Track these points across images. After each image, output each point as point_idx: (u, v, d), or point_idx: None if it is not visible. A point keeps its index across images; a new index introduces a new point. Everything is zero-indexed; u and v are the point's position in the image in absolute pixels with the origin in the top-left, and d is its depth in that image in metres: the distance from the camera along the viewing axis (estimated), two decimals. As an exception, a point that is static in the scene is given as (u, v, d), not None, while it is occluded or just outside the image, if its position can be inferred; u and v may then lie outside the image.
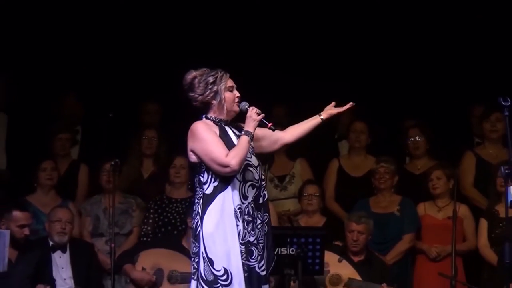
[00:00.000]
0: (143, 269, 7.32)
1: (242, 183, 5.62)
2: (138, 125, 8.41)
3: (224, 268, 5.57)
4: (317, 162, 8.38)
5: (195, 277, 5.60)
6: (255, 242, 5.64)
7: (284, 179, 8.29)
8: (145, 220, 7.71)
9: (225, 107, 5.57)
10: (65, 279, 7.41)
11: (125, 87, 8.78)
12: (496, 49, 8.61)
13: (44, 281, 7.26)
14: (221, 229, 5.57)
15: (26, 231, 7.28)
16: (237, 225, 5.59)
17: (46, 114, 8.78)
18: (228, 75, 5.68)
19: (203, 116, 5.62)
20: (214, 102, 5.56)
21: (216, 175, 5.53)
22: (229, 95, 5.61)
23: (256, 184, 5.65)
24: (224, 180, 5.54)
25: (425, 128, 8.08)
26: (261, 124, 5.60)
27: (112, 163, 7.28)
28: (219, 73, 5.64)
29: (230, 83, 5.67)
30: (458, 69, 8.84)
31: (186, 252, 7.30)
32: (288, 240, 6.74)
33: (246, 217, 5.61)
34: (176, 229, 7.78)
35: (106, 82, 8.81)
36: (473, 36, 8.75)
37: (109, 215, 7.56)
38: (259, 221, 5.63)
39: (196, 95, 5.56)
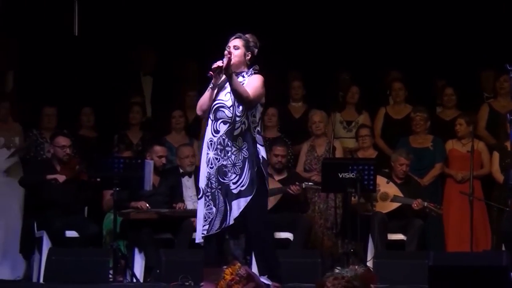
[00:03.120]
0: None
1: (214, 121, 6.01)
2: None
3: (197, 186, 6.26)
4: (375, 110, 9.21)
5: None
6: (228, 165, 5.95)
7: (351, 124, 9.12)
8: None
9: None
10: (190, 196, 8.29)
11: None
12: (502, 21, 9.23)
13: (178, 200, 8.16)
14: (203, 156, 6.11)
15: (163, 160, 8.22)
16: (207, 153, 6.01)
17: (180, 76, 9.53)
18: (234, 37, 6.03)
19: None
20: None
21: None
22: (225, 53, 5.99)
23: (229, 121, 5.98)
24: (206, 119, 6.12)
25: (455, 87, 9.01)
26: (214, 74, 5.94)
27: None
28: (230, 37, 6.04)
29: (230, 43, 6.04)
30: (473, 40, 9.45)
31: (269, 176, 7.60)
32: (350, 167, 7.72)
33: (218, 146, 5.97)
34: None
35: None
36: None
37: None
38: (234, 149, 5.95)
39: None
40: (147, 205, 8.02)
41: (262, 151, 6.09)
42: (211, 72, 5.98)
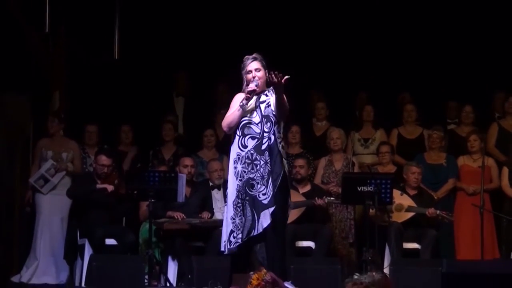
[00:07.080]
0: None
1: (241, 137, 5.98)
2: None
3: (225, 198, 6.11)
4: (389, 130, 9.19)
5: None
6: (256, 178, 5.90)
7: (368, 141, 9.13)
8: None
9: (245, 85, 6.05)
10: (219, 207, 8.22)
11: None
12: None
13: (207, 210, 8.17)
14: (231, 170, 6.06)
15: (189, 169, 8.20)
16: (235, 167, 5.98)
17: (209, 97, 9.56)
18: (251, 60, 6.02)
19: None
20: (244, 81, 6.10)
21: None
22: (247, 76, 6.01)
23: (257, 136, 5.95)
24: (233, 135, 6.07)
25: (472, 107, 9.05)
26: (250, 96, 5.91)
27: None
28: (246, 60, 6.03)
29: (250, 67, 6.02)
30: (484, 63, 9.61)
31: (294, 189, 8.13)
32: (368, 181, 7.71)
33: (246, 160, 5.93)
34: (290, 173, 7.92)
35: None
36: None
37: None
38: (262, 162, 5.91)
39: None
40: (183, 215, 8.03)
41: (285, 165, 6.09)
42: (248, 95, 5.97)
